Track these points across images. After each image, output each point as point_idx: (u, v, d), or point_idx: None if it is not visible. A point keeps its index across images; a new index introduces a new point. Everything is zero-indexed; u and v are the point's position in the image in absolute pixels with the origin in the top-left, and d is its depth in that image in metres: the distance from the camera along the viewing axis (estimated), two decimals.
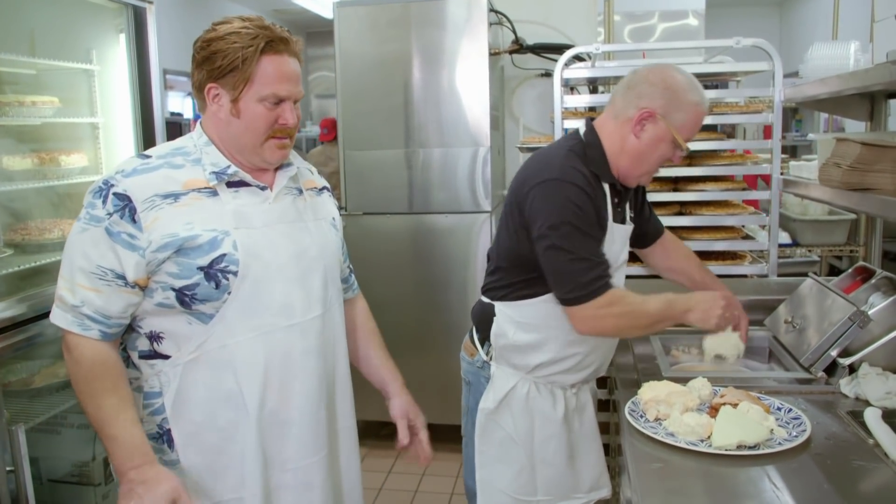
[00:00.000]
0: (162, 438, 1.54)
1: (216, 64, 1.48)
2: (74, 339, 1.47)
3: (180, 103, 7.75)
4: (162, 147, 1.58)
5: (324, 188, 1.79)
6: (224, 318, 1.50)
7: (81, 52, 2.63)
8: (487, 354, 1.94)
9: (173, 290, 1.47)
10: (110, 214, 1.44)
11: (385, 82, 3.65)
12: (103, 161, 2.75)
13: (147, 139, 2.73)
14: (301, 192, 1.68)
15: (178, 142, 1.59)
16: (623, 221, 1.92)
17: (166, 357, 1.53)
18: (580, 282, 1.71)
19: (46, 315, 2.14)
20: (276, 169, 1.63)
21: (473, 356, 1.98)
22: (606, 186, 1.83)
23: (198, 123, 1.60)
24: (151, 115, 2.72)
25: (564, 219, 1.71)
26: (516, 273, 1.86)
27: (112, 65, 2.71)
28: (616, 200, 1.86)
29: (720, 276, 2.65)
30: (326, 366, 1.68)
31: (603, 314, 1.74)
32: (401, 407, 1.87)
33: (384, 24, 3.61)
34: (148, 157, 1.53)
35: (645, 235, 2.15)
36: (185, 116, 7.60)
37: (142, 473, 1.43)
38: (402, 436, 1.84)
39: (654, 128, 1.76)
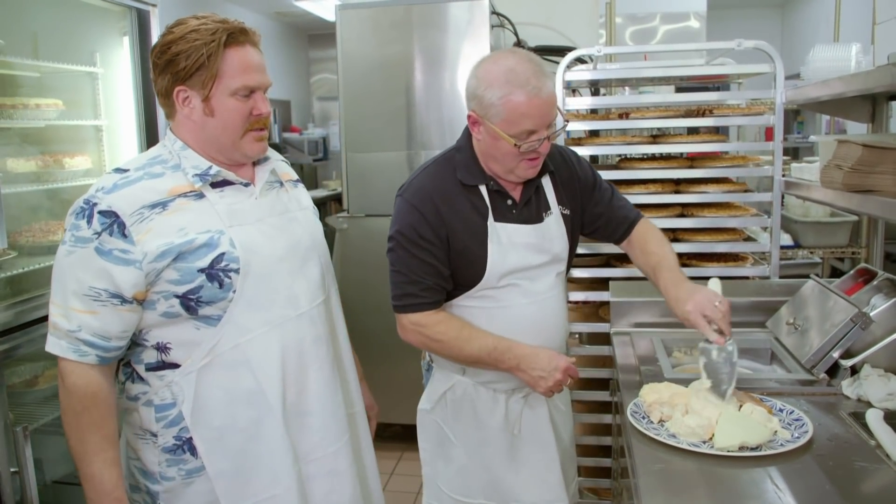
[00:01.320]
0: (182, 448, 1.53)
1: (180, 66, 1.46)
2: (69, 367, 1.44)
3: None
4: (137, 159, 1.56)
5: (298, 180, 1.79)
6: (233, 318, 1.50)
7: (85, 55, 2.65)
8: (429, 356, 1.96)
9: (177, 296, 1.46)
10: (98, 234, 1.41)
11: (387, 84, 3.66)
12: (107, 163, 2.76)
13: (150, 141, 2.75)
14: (282, 184, 1.69)
15: (152, 151, 1.57)
16: (527, 221, 1.82)
17: (176, 366, 1.51)
18: (394, 293, 1.79)
19: None
20: (254, 164, 1.62)
21: (423, 358, 2.01)
22: (483, 188, 1.79)
23: (167, 130, 1.58)
24: (155, 118, 2.73)
25: (395, 234, 1.77)
26: None
27: (116, 67, 2.72)
28: (510, 202, 1.80)
29: (722, 279, 2.67)
30: (336, 352, 1.70)
31: (413, 330, 1.78)
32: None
33: (386, 26, 3.62)
34: (125, 170, 1.50)
35: (609, 227, 1.99)
36: None
37: None
38: None
39: (484, 129, 1.72)
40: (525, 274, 1.81)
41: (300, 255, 1.62)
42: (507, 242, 1.78)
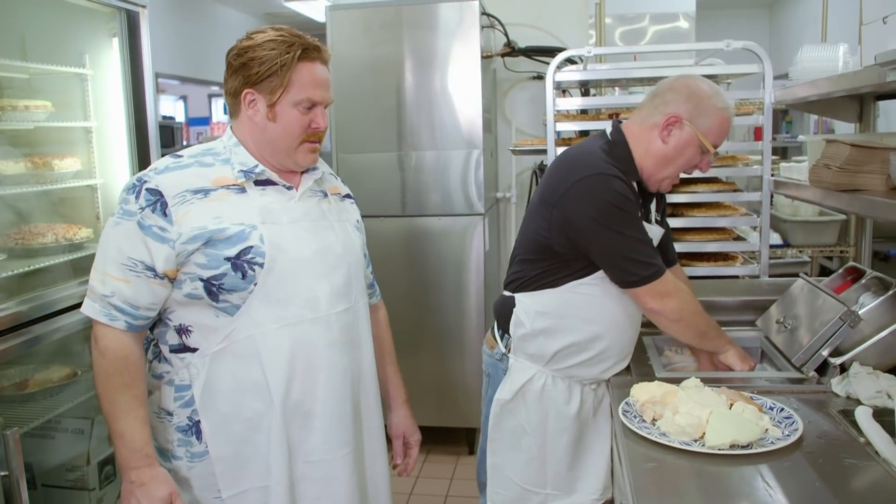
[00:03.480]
0: (191, 430, 1.61)
1: (253, 70, 1.56)
2: (101, 330, 1.54)
3: (172, 107, 7.74)
4: (194, 148, 1.67)
5: (347, 195, 1.85)
6: (250, 309, 1.56)
7: (75, 57, 2.63)
8: (506, 346, 2.00)
9: (201, 280, 1.54)
10: (142, 209, 1.52)
11: (378, 85, 3.65)
12: (97, 165, 2.74)
13: (140, 143, 2.73)
14: (326, 195, 1.75)
15: (209, 144, 1.68)
16: (649, 221, 1.99)
17: (195, 350, 1.59)
18: (644, 261, 1.84)
19: (40, 320, 2.16)
20: (302, 173, 1.70)
21: (493, 349, 2.05)
22: (635, 185, 1.91)
23: (228, 127, 1.68)
24: (145, 119, 2.72)
25: (615, 207, 1.80)
26: (542, 264, 1.93)
27: (105, 69, 2.70)
28: (640, 200, 1.93)
29: (711, 278, 2.68)
30: (352, 361, 1.72)
31: (669, 296, 1.87)
32: (399, 426, 1.97)
33: (377, 27, 3.62)
34: (180, 156, 1.61)
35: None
36: (178, 120, 7.60)
37: (141, 475, 1.52)
38: (397, 455, 1.97)
39: (681, 133, 1.84)
40: None
41: (329, 261, 1.66)
42: (653, 235, 1.94)
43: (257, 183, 1.62)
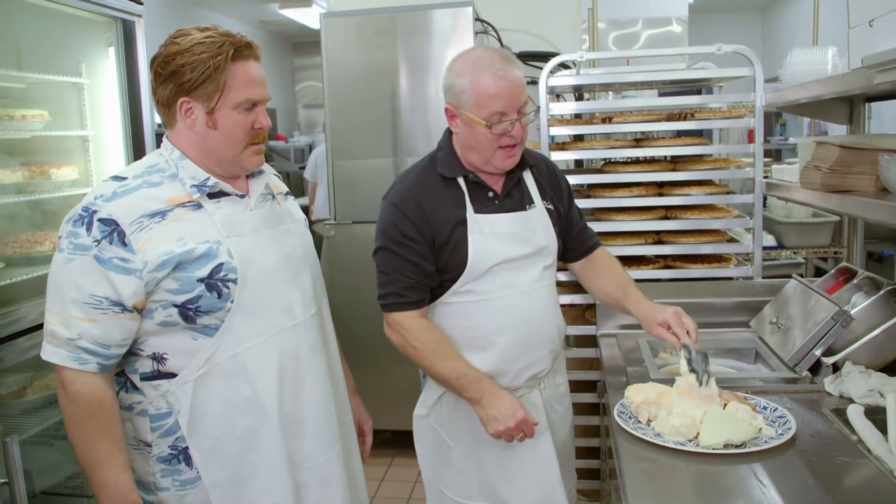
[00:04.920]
0: (177, 458, 1.53)
1: (185, 77, 1.46)
2: (71, 376, 1.43)
3: None
4: (134, 167, 1.56)
5: (288, 193, 1.80)
6: (231, 328, 1.51)
7: (71, 66, 2.64)
8: None
9: (175, 306, 1.47)
10: (98, 241, 1.41)
11: (372, 92, 3.67)
12: (93, 174, 2.75)
13: (137, 151, 2.74)
14: (274, 196, 1.71)
15: (149, 159, 1.57)
16: (508, 211, 1.86)
17: (172, 375, 1.51)
18: (379, 292, 1.85)
19: (38, 328, 2.16)
20: (248, 177, 1.64)
21: None
22: (461, 181, 1.85)
23: (165, 139, 1.58)
24: (141, 128, 2.73)
25: (379, 234, 1.84)
26: None
27: (101, 78, 2.72)
28: (490, 194, 1.85)
29: (705, 280, 2.70)
30: (329, 361, 1.72)
31: (396, 331, 1.83)
32: (356, 413, 1.93)
33: (371, 33, 3.63)
34: (123, 178, 1.50)
35: (574, 243, 2.06)
36: None
37: None
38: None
39: (459, 120, 1.81)
40: (509, 265, 1.83)
41: (293, 265, 1.64)
42: (489, 232, 1.82)
43: (211, 196, 1.54)
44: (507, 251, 1.83)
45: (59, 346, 1.42)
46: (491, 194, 1.86)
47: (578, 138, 2.97)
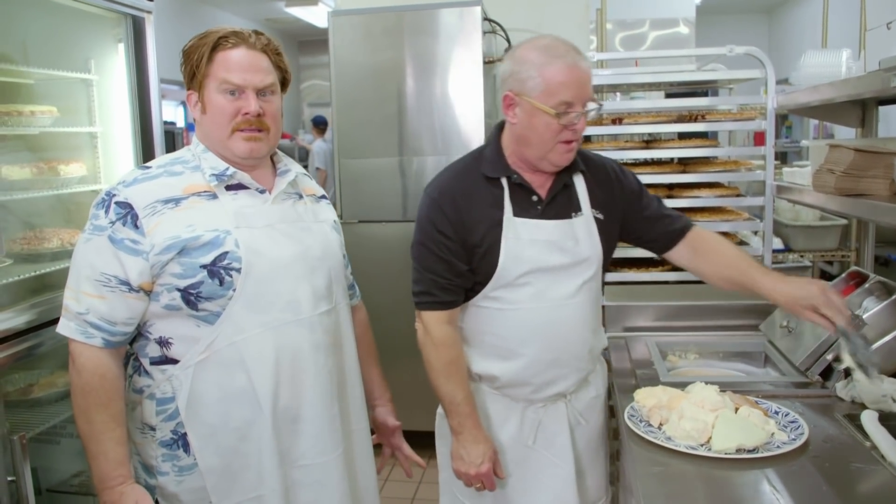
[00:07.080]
0: (177, 444, 1.57)
1: (184, 71, 1.59)
2: (78, 348, 1.51)
3: (173, 112, 7.75)
4: (162, 158, 1.65)
5: (322, 196, 1.82)
6: (231, 316, 1.54)
7: (80, 62, 2.63)
8: None
9: (178, 290, 1.52)
10: (112, 223, 1.50)
11: (379, 91, 3.66)
12: (102, 170, 2.75)
13: (146, 148, 2.73)
14: (301, 196, 1.73)
15: (177, 153, 1.66)
16: (551, 218, 1.76)
17: (176, 361, 1.56)
18: (413, 289, 1.82)
19: (46, 325, 2.16)
20: (276, 173, 1.69)
21: None
22: (504, 181, 1.76)
23: (193, 136, 1.67)
24: (150, 125, 2.72)
25: (416, 229, 1.81)
26: None
27: (111, 74, 2.71)
28: (534, 198, 1.76)
29: None
30: (337, 363, 1.71)
31: (422, 330, 1.81)
32: (384, 419, 1.95)
33: (378, 32, 3.63)
34: (148, 167, 1.60)
35: (658, 231, 1.91)
36: (178, 125, 7.61)
37: (113, 495, 1.50)
38: (385, 456, 1.98)
39: (521, 108, 1.70)
40: (543, 275, 1.74)
41: (308, 263, 1.64)
42: (525, 238, 1.73)
43: (229, 188, 1.59)
44: (543, 259, 1.73)
45: (70, 319, 1.51)
46: (535, 198, 1.76)
47: (587, 139, 2.96)
